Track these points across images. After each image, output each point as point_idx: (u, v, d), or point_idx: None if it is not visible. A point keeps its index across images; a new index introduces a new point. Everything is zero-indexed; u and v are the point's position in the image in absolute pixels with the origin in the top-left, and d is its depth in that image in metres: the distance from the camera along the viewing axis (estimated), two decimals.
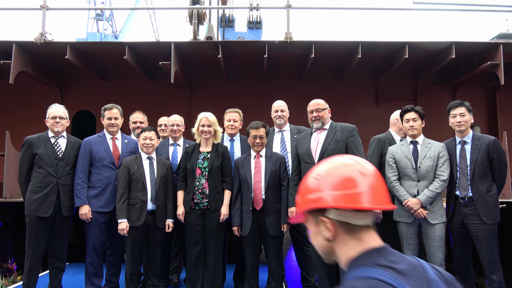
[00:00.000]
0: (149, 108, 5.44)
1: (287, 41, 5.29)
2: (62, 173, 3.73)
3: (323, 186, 1.02)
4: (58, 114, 3.81)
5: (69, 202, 3.76)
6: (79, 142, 3.95)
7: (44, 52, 5.52)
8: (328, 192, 1.00)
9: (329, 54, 5.70)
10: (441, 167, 3.51)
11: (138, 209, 3.66)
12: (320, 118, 3.55)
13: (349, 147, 3.45)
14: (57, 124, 3.78)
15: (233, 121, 4.15)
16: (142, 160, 3.81)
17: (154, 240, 3.80)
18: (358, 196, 0.98)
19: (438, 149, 3.57)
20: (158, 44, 5.95)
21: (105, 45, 6.78)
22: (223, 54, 5.36)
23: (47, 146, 3.74)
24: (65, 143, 3.84)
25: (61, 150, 3.79)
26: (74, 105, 6.41)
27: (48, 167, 3.69)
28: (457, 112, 3.61)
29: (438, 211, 3.49)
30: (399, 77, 6.36)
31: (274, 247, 3.67)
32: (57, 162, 3.73)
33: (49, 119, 3.80)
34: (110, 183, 3.84)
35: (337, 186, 1.00)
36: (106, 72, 6.46)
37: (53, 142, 3.79)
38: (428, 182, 3.49)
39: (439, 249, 3.44)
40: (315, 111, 3.56)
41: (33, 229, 3.65)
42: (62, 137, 3.86)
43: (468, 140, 3.59)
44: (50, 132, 3.82)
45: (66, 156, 3.79)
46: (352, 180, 1.00)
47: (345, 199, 0.98)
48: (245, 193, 3.70)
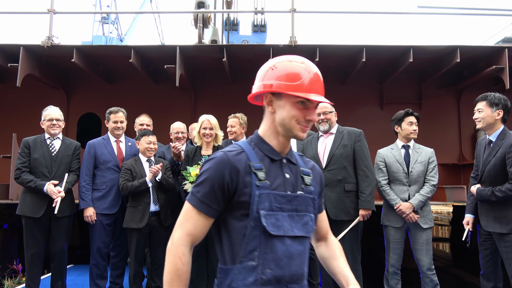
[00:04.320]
0: (154, 111, 5.47)
1: (291, 44, 5.30)
2: (55, 174, 3.75)
3: (276, 76, 1.29)
4: (55, 117, 3.83)
5: (63, 204, 3.68)
6: (74, 144, 3.97)
7: (51, 55, 5.58)
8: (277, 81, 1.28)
9: (334, 58, 5.71)
10: (431, 172, 3.54)
11: (141, 210, 3.69)
12: (327, 120, 3.57)
13: (356, 152, 3.46)
14: (53, 126, 3.81)
15: (231, 127, 4.20)
16: (142, 162, 3.86)
17: (157, 242, 3.83)
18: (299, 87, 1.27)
19: (428, 154, 3.60)
20: (163, 48, 5.98)
21: (111, 48, 6.85)
22: (227, 58, 5.38)
23: (43, 148, 3.77)
24: (59, 144, 3.86)
25: (55, 150, 3.82)
26: (79, 108, 6.49)
27: (43, 168, 3.71)
28: (476, 107, 3.29)
29: (428, 216, 3.54)
30: (404, 81, 6.35)
31: None
32: (51, 163, 3.76)
33: (45, 121, 3.82)
34: (114, 185, 3.88)
35: (287, 78, 1.28)
36: (112, 75, 6.51)
37: (48, 143, 3.82)
38: (419, 187, 3.53)
39: (426, 253, 3.47)
40: (322, 114, 3.58)
41: (29, 230, 3.67)
42: (58, 138, 3.88)
43: (493, 139, 3.22)
44: (46, 135, 3.85)
45: (59, 157, 3.80)
46: (298, 74, 1.28)
47: (289, 88, 1.26)
48: None
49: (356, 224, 3.35)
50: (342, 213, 3.36)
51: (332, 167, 3.43)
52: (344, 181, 3.40)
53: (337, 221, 3.36)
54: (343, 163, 3.42)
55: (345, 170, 3.41)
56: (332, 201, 3.38)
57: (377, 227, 4.35)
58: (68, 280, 3.99)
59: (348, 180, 3.41)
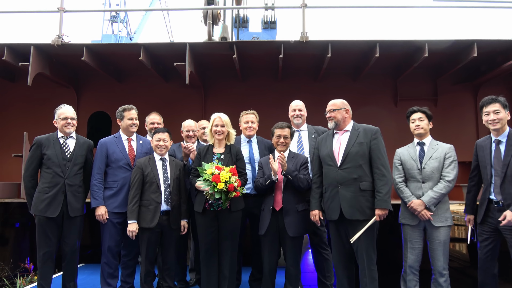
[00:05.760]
0: (164, 109, 5.47)
1: (302, 40, 5.27)
2: (69, 173, 3.76)
3: None
4: (70, 115, 3.84)
5: (77, 203, 3.75)
6: (88, 142, 3.98)
7: (61, 54, 5.62)
8: None
9: (346, 54, 5.65)
10: (447, 168, 3.46)
11: (152, 210, 3.68)
12: (333, 118, 3.53)
13: (372, 150, 3.39)
14: (68, 125, 3.81)
15: (251, 123, 4.15)
16: (155, 161, 3.84)
17: (168, 241, 3.82)
18: None
19: (445, 150, 3.53)
20: (173, 45, 5.99)
21: (120, 46, 6.89)
22: (238, 55, 5.36)
23: (55, 146, 3.77)
24: (73, 143, 3.87)
25: (69, 150, 3.82)
26: (90, 106, 6.54)
27: (56, 168, 3.72)
28: (490, 109, 3.39)
29: (443, 214, 3.45)
30: (419, 77, 6.27)
31: (292, 249, 3.63)
32: (65, 162, 3.75)
33: (60, 120, 3.83)
34: (125, 184, 3.88)
35: None
36: (122, 73, 6.54)
37: (61, 142, 3.82)
38: (434, 183, 3.46)
39: (442, 253, 3.40)
40: (328, 112, 3.57)
41: (42, 229, 3.68)
42: (71, 137, 3.89)
43: (503, 139, 3.38)
44: (59, 133, 3.86)
45: (74, 156, 3.81)
46: None
47: None
48: (266, 193, 3.71)
49: (372, 224, 3.29)
50: (358, 213, 3.30)
51: (348, 165, 3.37)
52: (359, 180, 3.33)
53: (352, 221, 3.31)
54: (359, 161, 3.35)
55: (360, 169, 3.35)
56: (347, 200, 3.32)
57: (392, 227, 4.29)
58: (79, 279, 4.00)
59: (364, 178, 3.34)
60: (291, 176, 3.53)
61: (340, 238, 3.47)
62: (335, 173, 3.41)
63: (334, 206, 3.38)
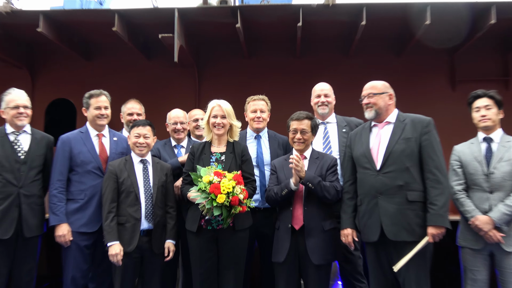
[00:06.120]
0: (145, 96, 5.50)
1: (328, 4, 5.27)
2: (24, 180, 3.75)
3: None
4: (22, 103, 3.84)
5: (34, 219, 3.75)
6: (47, 138, 3.99)
7: (11, 23, 5.64)
8: None
9: (386, 21, 5.65)
10: None
11: (129, 229, 3.68)
12: (372, 105, 3.52)
13: (423, 148, 3.35)
14: (20, 116, 3.81)
15: (260, 112, 4.13)
16: (133, 164, 3.83)
17: (151, 270, 3.81)
18: None
19: None
20: (157, 11, 5.98)
21: (88, 13, 6.87)
22: (242, 23, 5.37)
23: (4, 145, 3.77)
24: (28, 140, 3.87)
25: (23, 150, 3.82)
26: (48, 92, 6.56)
27: (6, 173, 3.70)
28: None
29: None
30: (483, 51, 6.25)
31: (317, 281, 3.59)
32: (18, 166, 3.75)
33: (9, 109, 3.81)
34: (95, 194, 3.88)
35: None
36: (90, 49, 6.57)
37: (12, 139, 3.81)
38: (505, 194, 3.48)
39: None
40: (366, 97, 3.54)
41: None
42: (25, 132, 3.89)
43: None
44: (8, 127, 3.84)
45: (29, 157, 3.81)
46: None
47: None
48: (282, 206, 3.68)
49: (424, 247, 3.25)
50: (404, 232, 3.28)
51: (390, 169, 3.35)
52: (406, 188, 3.30)
53: (397, 243, 3.29)
54: (405, 164, 3.33)
55: (407, 173, 3.32)
56: (390, 215, 3.30)
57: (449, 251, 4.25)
58: None
59: (412, 186, 3.31)
60: (313, 184, 3.48)
61: (380, 266, 3.46)
62: (373, 179, 3.39)
63: (373, 223, 3.37)
